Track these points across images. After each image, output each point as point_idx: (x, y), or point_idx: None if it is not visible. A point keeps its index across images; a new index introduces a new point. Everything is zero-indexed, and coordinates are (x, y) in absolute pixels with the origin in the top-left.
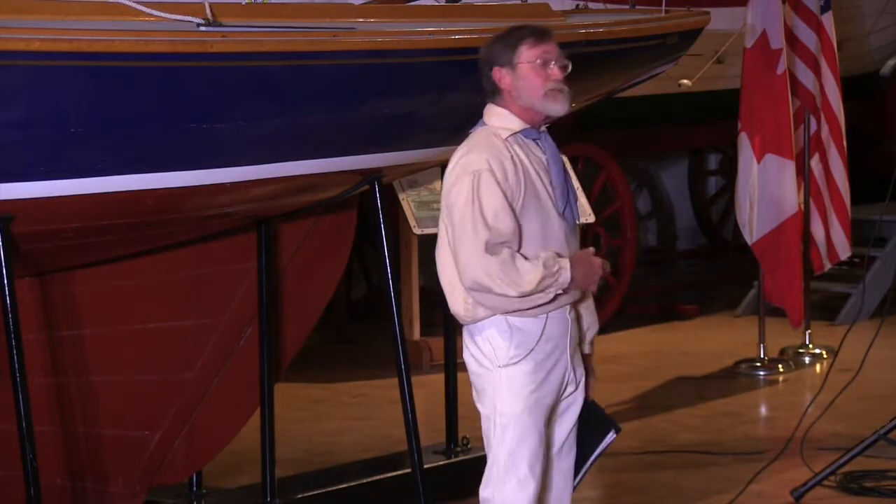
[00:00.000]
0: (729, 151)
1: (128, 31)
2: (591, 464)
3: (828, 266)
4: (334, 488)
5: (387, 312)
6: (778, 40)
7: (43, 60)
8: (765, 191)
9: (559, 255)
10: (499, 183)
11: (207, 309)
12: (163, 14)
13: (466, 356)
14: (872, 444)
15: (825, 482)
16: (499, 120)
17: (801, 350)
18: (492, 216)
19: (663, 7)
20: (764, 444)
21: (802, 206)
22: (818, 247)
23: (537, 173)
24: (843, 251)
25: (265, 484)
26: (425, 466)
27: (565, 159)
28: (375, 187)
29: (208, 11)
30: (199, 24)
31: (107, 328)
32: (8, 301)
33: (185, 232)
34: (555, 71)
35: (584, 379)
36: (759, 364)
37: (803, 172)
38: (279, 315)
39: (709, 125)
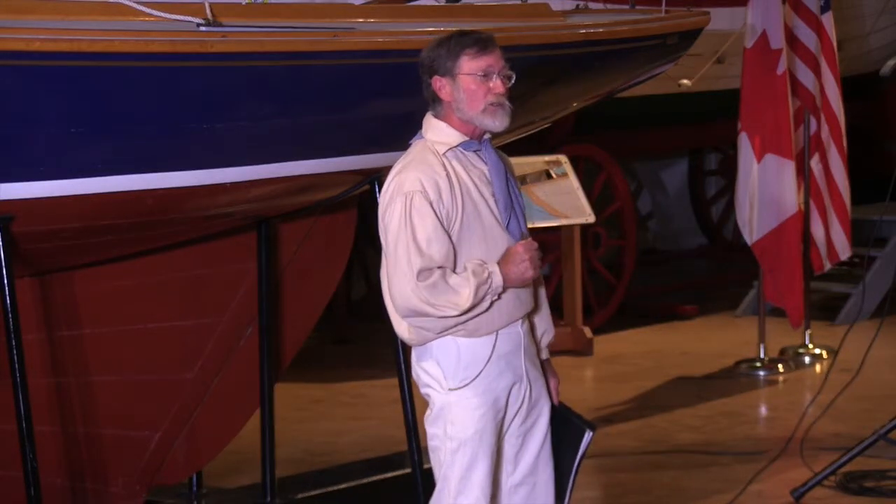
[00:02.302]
0: (729, 151)
1: (128, 31)
2: (576, 472)
3: (828, 266)
4: (334, 488)
5: (387, 312)
6: (778, 40)
7: (43, 60)
8: (765, 191)
9: (484, 262)
10: (432, 204)
11: (207, 309)
12: (163, 14)
13: (415, 375)
14: (872, 444)
15: (825, 482)
16: (435, 134)
17: (801, 350)
18: (425, 242)
19: (663, 7)
20: (764, 444)
21: (802, 206)
22: (818, 247)
23: (477, 188)
24: (843, 251)
25: (265, 484)
26: (425, 466)
27: (509, 161)
28: (375, 187)
29: (208, 11)
30: (199, 24)
31: (107, 328)
32: (8, 301)
33: (185, 232)
34: (497, 84)
35: (544, 389)
36: (759, 364)
37: (803, 172)
38: (279, 315)
39: (709, 125)
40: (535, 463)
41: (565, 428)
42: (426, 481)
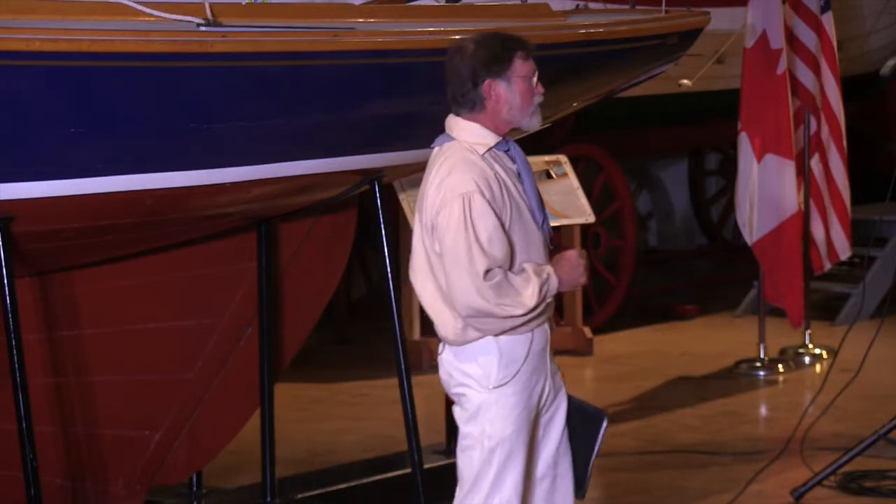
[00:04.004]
0: (729, 151)
1: (128, 31)
2: (594, 458)
3: (828, 266)
4: (334, 488)
5: (387, 312)
6: (778, 40)
7: (43, 60)
8: (765, 191)
9: (539, 264)
10: (490, 203)
11: (207, 309)
12: (163, 14)
13: (445, 376)
14: (872, 444)
15: (825, 482)
16: (471, 135)
17: (801, 350)
18: (487, 242)
19: (663, 7)
20: (764, 444)
21: (802, 206)
22: (818, 247)
23: (514, 185)
24: (843, 251)
25: (265, 484)
26: (425, 466)
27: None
28: (375, 187)
29: (208, 11)
30: (199, 24)
31: (107, 328)
32: (8, 301)
33: (185, 232)
34: (539, 86)
35: (562, 382)
36: (759, 364)
37: (803, 172)
38: (279, 315)
39: (709, 125)
40: (556, 454)
41: (579, 417)
42: (426, 481)
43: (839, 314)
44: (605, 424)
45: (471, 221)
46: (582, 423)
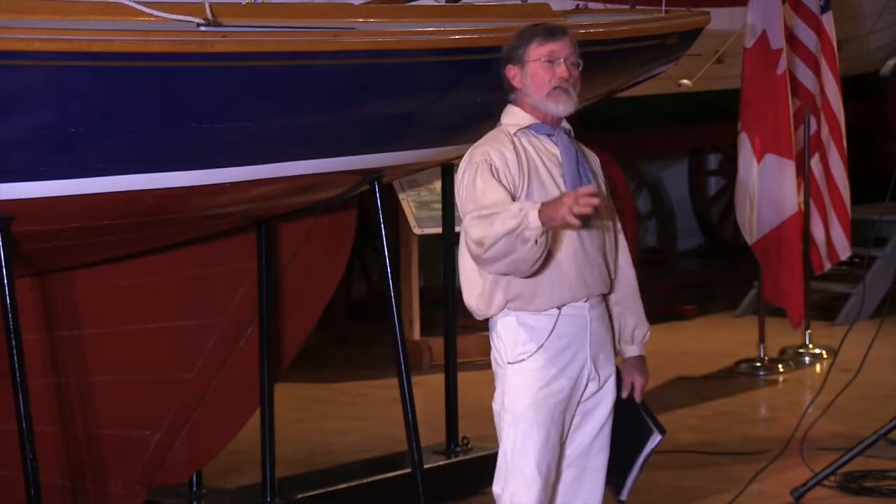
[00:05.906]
0: (729, 151)
1: (128, 31)
2: (639, 470)
3: (828, 266)
4: (334, 488)
5: (387, 312)
6: (778, 40)
7: (43, 60)
8: (765, 191)
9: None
10: (497, 171)
11: (207, 309)
12: (163, 14)
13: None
14: (872, 444)
15: (825, 482)
16: (509, 117)
17: (801, 350)
18: (482, 195)
19: (663, 7)
20: (764, 444)
21: (802, 206)
22: (818, 247)
23: (546, 166)
24: (843, 251)
25: (265, 484)
26: (425, 466)
27: (595, 159)
28: (375, 187)
29: (208, 11)
30: (199, 24)
31: (107, 328)
32: (8, 301)
33: (185, 232)
34: (562, 69)
35: (612, 379)
36: (759, 364)
37: (803, 172)
38: (279, 315)
39: (709, 125)
40: (588, 448)
41: (635, 425)
42: (426, 481)
43: (839, 314)
44: (655, 441)
45: (473, 184)
46: (634, 432)
